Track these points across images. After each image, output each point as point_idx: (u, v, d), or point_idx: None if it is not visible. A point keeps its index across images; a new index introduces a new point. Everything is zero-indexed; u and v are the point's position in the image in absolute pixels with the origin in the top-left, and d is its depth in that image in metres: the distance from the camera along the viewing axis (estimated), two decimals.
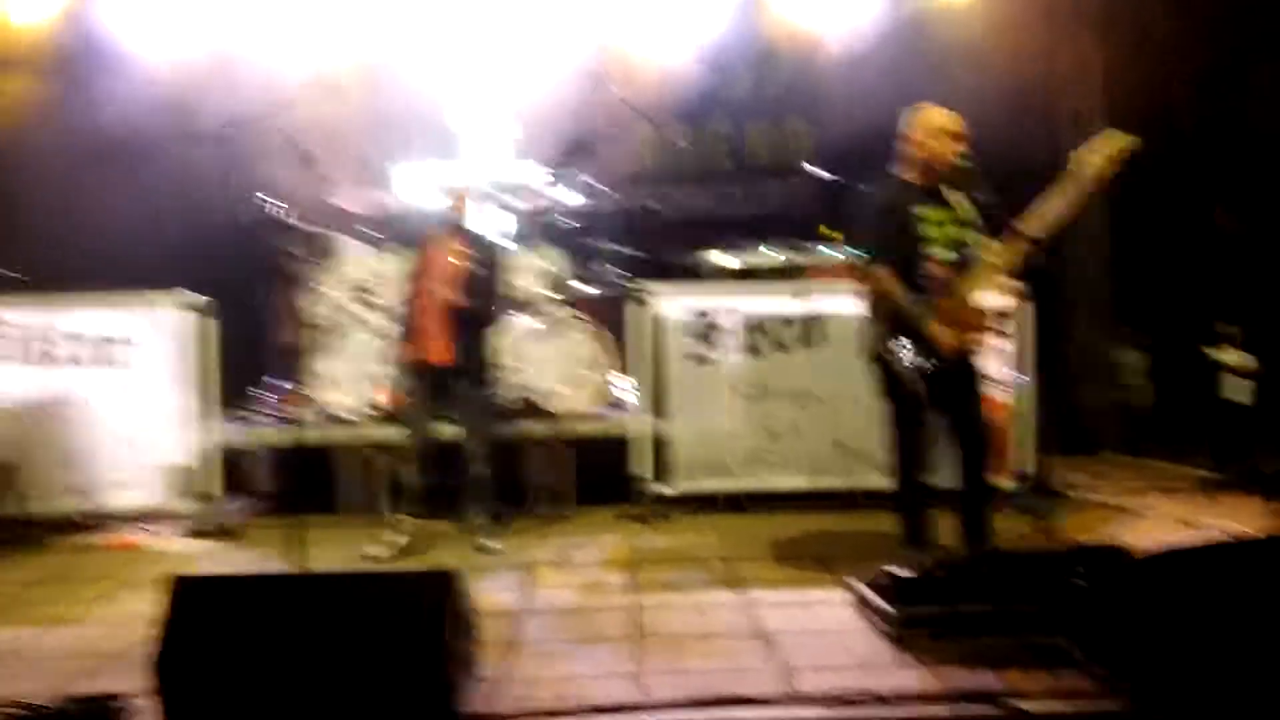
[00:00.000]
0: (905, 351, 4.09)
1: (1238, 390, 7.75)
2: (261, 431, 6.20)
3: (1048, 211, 3.94)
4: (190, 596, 3.09)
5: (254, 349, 6.55)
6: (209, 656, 3.00)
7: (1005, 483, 5.86)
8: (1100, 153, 3.84)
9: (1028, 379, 5.89)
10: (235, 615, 3.07)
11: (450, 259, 5.13)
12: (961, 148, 4.03)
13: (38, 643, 3.87)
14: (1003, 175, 4.19)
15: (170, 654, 2.97)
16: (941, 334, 4.00)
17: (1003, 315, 4.37)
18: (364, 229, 6.56)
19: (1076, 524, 5.54)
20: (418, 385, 5.20)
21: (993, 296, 4.11)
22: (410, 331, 5.21)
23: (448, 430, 5.85)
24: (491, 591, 4.34)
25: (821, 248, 6.99)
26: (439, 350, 5.11)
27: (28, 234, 7.36)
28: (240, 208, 6.13)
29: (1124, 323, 9.44)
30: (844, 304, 5.77)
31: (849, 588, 4.12)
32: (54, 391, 5.72)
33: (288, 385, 6.12)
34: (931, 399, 4.14)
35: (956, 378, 4.11)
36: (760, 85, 8.60)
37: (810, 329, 5.97)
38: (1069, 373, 9.06)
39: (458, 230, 5.29)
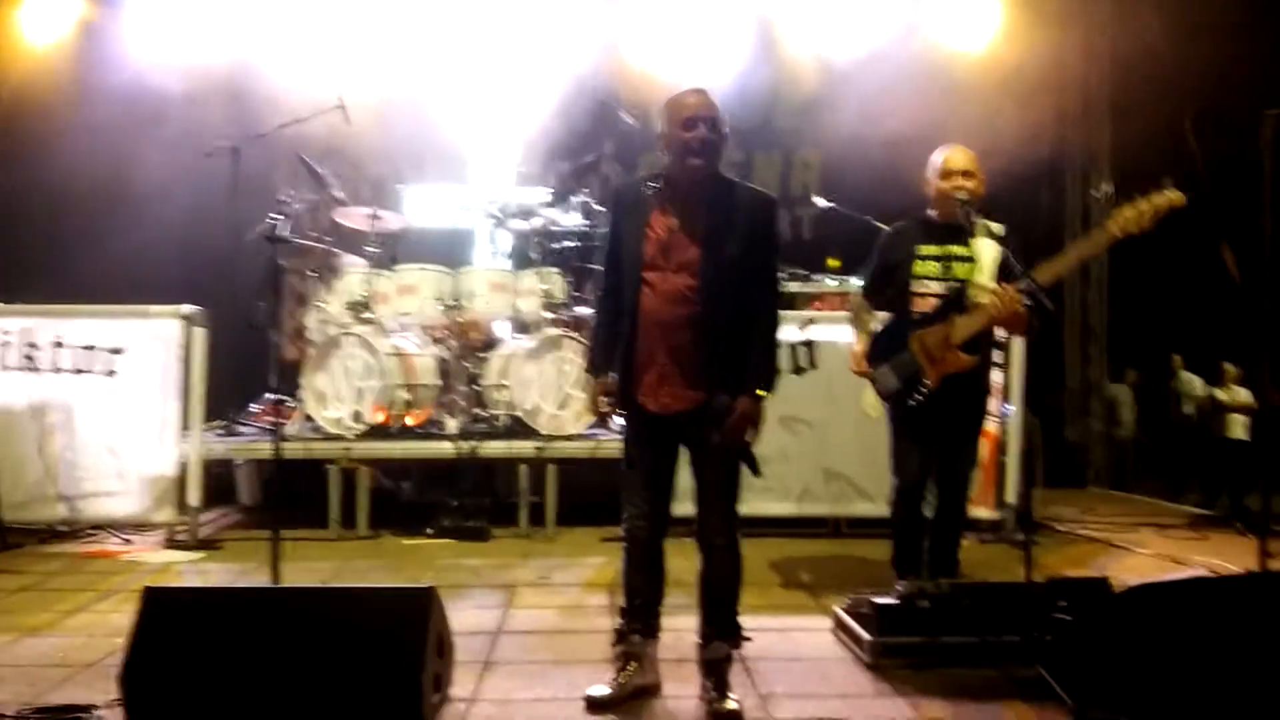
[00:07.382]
0: (890, 378, 4.08)
1: (1237, 428, 7.74)
2: (247, 444, 6.18)
3: (1066, 261, 3.96)
4: (160, 609, 3.06)
5: (253, 362, 6.53)
6: (177, 670, 2.96)
7: (989, 513, 5.84)
8: (1142, 208, 3.71)
9: (1015, 409, 5.86)
10: (205, 629, 3.04)
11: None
12: (970, 185, 4.02)
13: (10, 652, 3.82)
14: (1009, 214, 4.18)
15: (137, 666, 2.94)
16: (922, 360, 4.00)
17: (996, 346, 4.32)
18: (369, 247, 6.54)
19: (1063, 558, 5.51)
20: None
21: (984, 333, 4.06)
22: None
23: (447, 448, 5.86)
24: (470, 611, 4.30)
25: (825, 278, 7.00)
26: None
27: (35, 246, 7.39)
28: (246, 222, 6.10)
29: (1119, 358, 9.45)
30: (838, 332, 5.77)
31: (831, 615, 4.10)
32: (37, 398, 5.68)
33: (281, 398, 6.08)
34: (928, 426, 4.13)
35: (959, 410, 4.09)
36: (771, 116, 8.62)
37: (802, 356, 5.95)
38: (1060, 405, 9.07)
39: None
